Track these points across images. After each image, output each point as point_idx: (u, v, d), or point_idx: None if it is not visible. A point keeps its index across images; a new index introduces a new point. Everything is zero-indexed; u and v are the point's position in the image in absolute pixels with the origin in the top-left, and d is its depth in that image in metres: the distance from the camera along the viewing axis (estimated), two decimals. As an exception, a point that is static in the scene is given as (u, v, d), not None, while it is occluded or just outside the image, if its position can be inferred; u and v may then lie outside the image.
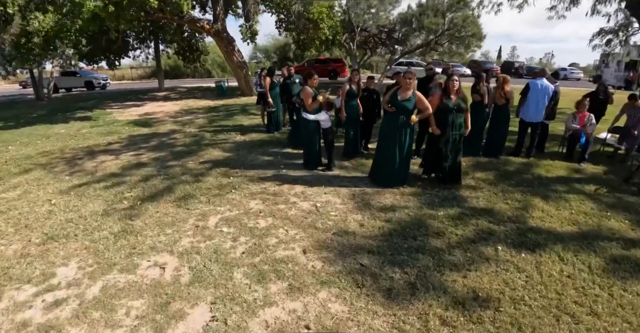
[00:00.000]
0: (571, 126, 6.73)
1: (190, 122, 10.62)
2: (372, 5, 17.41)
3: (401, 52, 19.09)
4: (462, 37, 17.44)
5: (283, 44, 40.97)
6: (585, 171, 6.08)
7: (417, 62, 25.99)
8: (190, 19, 14.20)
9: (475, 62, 34.31)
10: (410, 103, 4.66)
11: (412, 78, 4.62)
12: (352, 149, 6.30)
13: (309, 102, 5.14)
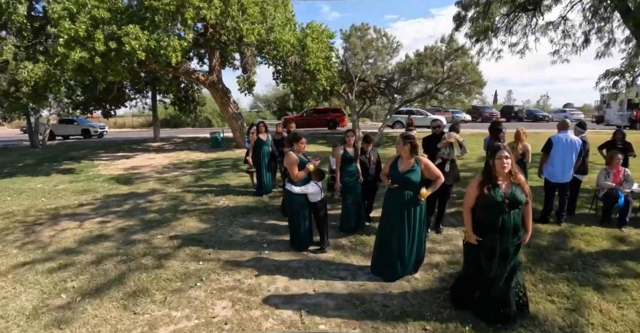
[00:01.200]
0: (605, 184, 5.84)
1: (175, 179, 9.74)
2: (370, 55, 17.27)
3: (401, 101, 18.69)
4: (462, 84, 17.14)
5: (282, 94, 41.58)
6: (631, 239, 5.10)
7: (418, 110, 25.78)
8: (185, 71, 13.90)
9: (475, 108, 34.23)
10: (416, 174, 3.73)
11: (411, 141, 3.77)
12: (350, 223, 5.26)
13: (294, 172, 4.24)
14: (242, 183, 8.83)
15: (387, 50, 17.48)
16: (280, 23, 12.97)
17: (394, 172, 3.82)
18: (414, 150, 3.77)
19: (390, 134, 21.36)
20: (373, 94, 20.30)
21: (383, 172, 4.12)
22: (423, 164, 3.78)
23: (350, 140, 5.24)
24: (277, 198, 7.26)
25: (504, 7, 11.78)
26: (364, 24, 16.66)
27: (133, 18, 9.80)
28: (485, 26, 11.67)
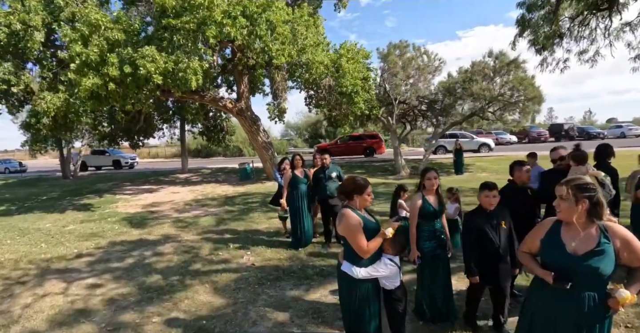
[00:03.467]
0: None
1: (195, 221, 8.30)
2: (410, 75, 15.75)
3: (447, 124, 16.85)
4: (516, 101, 15.18)
5: (314, 120, 40.60)
6: None
7: (462, 133, 23.74)
8: (212, 98, 12.87)
9: (523, 129, 31.56)
10: (606, 259, 1.94)
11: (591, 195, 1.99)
12: (433, 310, 3.48)
13: (360, 243, 2.54)
14: (272, 229, 7.22)
15: (428, 69, 15.92)
16: (312, 43, 11.74)
17: (555, 254, 2.08)
18: (596, 211, 2.01)
19: (435, 160, 19.40)
20: (414, 117, 18.66)
21: (522, 249, 2.34)
22: (620, 236, 1.99)
23: (434, 184, 3.48)
24: (318, 255, 5.59)
25: (569, 9, 10.05)
26: (403, 41, 15.27)
27: (151, 40, 8.78)
28: (553, 31, 9.91)
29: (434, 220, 3.49)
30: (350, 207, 2.69)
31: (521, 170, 3.72)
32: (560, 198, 2.06)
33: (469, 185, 12.20)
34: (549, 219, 2.23)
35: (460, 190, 10.87)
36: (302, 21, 11.72)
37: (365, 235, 2.56)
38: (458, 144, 15.72)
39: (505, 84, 14.91)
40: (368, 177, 14.73)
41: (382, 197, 10.18)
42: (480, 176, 14.33)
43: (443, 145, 22.63)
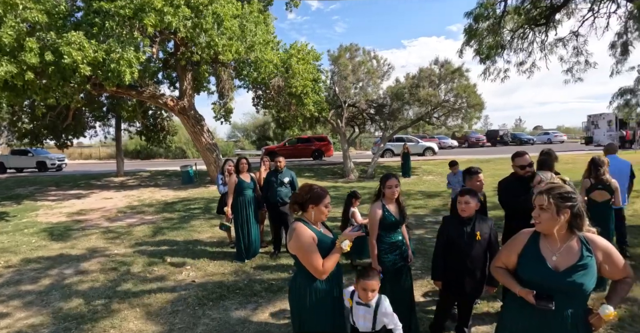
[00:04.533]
0: None
1: (128, 232, 7.46)
2: (360, 79, 15.78)
3: (395, 128, 17.13)
4: (460, 108, 15.81)
5: (262, 122, 39.78)
6: None
7: (408, 137, 24.40)
8: (152, 95, 11.89)
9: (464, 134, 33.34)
10: (588, 274, 1.79)
11: (573, 205, 1.82)
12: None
13: (315, 262, 2.16)
14: (215, 238, 6.65)
15: (377, 74, 16.07)
16: (261, 41, 11.26)
17: (536, 271, 1.87)
18: (577, 222, 1.84)
19: (383, 164, 19.66)
20: (363, 120, 18.78)
21: (496, 264, 2.13)
22: (601, 249, 1.84)
23: (395, 192, 3.19)
24: (266, 268, 5.15)
25: (511, 22, 10.58)
26: (354, 45, 15.26)
27: (79, 25, 7.82)
28: (496, 42, 10.34)
29: (395, 231, 3.24)
30: (303, 220, 2.31)
31: (472, 179, 3.61)
32: (541, 208, 1.85)
33: (417, 188, 12.40)
34: (526, 231, 2.02)
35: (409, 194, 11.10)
36: (251, 17, 11.21)
37: (321, 253, 2.21)
38: (406, 147, 16.02)
39: (450, 91, 15.45)
40: (317, 181, 14.72)
41: (332, 202, 9.91)
42: (426, 179, 14.68)
43: (390, 149, 23.07)
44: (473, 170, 3.68)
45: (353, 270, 4.87)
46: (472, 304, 3.20)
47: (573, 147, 26.82)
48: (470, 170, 3.70)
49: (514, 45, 10.93)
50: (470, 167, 3.77)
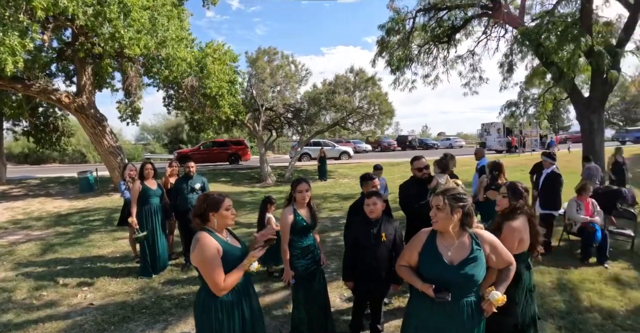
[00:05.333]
0: (578, 217, 5.44)
1: (10, 251, 6.38)
2: (278, 82, 15.76)
3: (312, 132, 17.41)
4: (373, 115, 16.69)
5: (175, 124, 37.54)
6: (628, 278, 4.74)
7: (325, 141, 24.96)
8: (42, 89, 10.41)
9: (376, 139, 35.28)
10: (479, 265, 2.05)
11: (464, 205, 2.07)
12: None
13: (216, 279, 2.03)
14: (118, 253, 6.02)
15: (295, 78, 16.21)
16: (174, 37, 10.58)
17: (434, 266, 2.05)
18: (467, 220, 2.07)
19: (301, 167, 19.85)
20: (280, 124, 18.75)
21: (400, 263, 2.27)
22: (488, 242, 2.10)
23: (305, 197, 3.18)
24: (177, 282, 4.80)
25: (418, 38, 11.48)
26: (272, 48, 15.16)
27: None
28: (405, 55, 11.12)
29: (307, 236, 3.23)
30: (208, 229, 2.17)
31: (367, 185, 3.75)
32: (437, 208, 2.05)
33: (334, 191, 12.73)
34: (425, 230, 2.21)
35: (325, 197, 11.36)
36: (164, 10, 10.46)
37: (227, 266, 2.09)
38: (323, 151, 16.38)
39: (364, 98, 16.23)
40: (233, 186, 14.31)
41: (248, 207, 9.73)
42: (342, 182, 15.15)
43: (308, 153, 23.39)
44: (368, 177, 3.80)
45: (270, 277, 4.78)
46: (380, 302, 3.37)
47: (470, 151, 29.97)
48: (365, 177, 3.82)
49: (421, 59, 11.83)
50: (366, 173, 3.90)
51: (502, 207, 2.78)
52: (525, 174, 9.08)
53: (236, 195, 11.87)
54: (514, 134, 27.24)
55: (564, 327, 3.62)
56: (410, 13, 10.54)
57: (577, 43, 7.66)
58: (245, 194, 12.31)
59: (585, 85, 9.45)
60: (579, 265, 5.15)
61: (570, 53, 7.82)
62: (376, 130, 17.95)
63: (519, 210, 2.70)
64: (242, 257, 2.19)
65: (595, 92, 8.63)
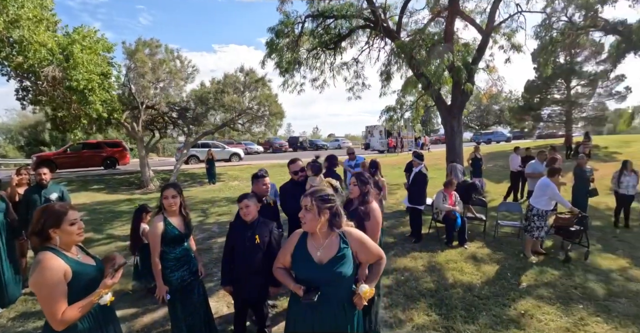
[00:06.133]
0: (444, 207, 6.30)
1: None
2: (161, 78, 14.63)
3: (199, 133, 16.57)
4: (263, 115, 16.67)
5: (34, 122, 31.89)
6: (481, 255, 5.68)
7: (214, 142, 24.02)
8: None
9: (268, 140, 35.38)
10: (347, 263, 2.11)
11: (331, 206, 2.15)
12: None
13: (55, 310, 1.73)
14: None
15: (181, 75, 15.25)
16: (31, 17, 9.00)
17: (305, 266, 2.11)
18: (335, 220, 2.13)
19: (188, 171, 18.73)
20: (164, 124, 17.43)
21: (277, 265, 2.29)
22: (355, 239, 2.17)
23: (172, 203, 2.95)
24: (32, 315, 4.06)
25: (307, 43, 11.87)
26: (154, 40, 14.01)
27: None
28: (294, 58, 11.38)
29: (181, 245, 3.03)
30: (52, 248, 1.85)
31: (258, 183, 3.78)
32: (305, 209, 2.09)
33: (223, 195, 12.31)
34: (297, 232, 2.25)
35: (214, 201, 10.90)
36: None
37: (80, 290, 1.83)
38: (210, 153, 15.68)
39: (254, 98, 16.10)
40: (109, 194, 12.82)
41: (125, 217, 8.79)
42: (232, 185, 14.76)
43: (195, 155, 22.21)
44: (259, 174, 3.82)
45: (149, 294, 4.34)
46: (262, 306, 3.30)
47: (356, 151, 32.19)
48: (256, 175, 3.83)
49: (309, 63, 12.24)
50: (257, 171, 3.91)
51: (355, 194, 3.13)
52: (401, 172, 10.10)
53: (112, 205, 10.65)
54: (392, 136, 30.06)
55: (434, 304, 4.08)
56: (300, 18, 10.83)
57: (442, 58, 8.82)
58: (122, 203, 11.10)
59: (448, 95, 10.87)
60: (444, 248, 5.94)
61: (436, 66, 8.97)
62: (267, 132, 17.95)
63: (368, 193, 3.09)
64: (98, 277, 1.92)
65: (455, 101, 10.04)
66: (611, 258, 5.66)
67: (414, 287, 4.51)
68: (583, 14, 13.54)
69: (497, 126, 48.63)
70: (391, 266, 5.19)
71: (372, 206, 3.08)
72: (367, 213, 3.00)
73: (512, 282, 4.72)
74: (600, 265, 5.37)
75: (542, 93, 24.95)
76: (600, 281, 4.80)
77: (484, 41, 10.17)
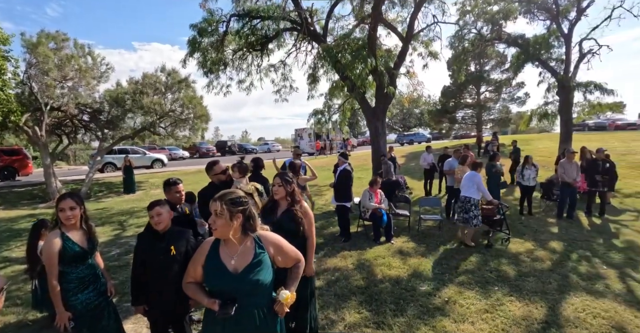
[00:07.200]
0: (371, 205, 6.49)
1: None
2: (69, 77, 13.22)
3: (115, 138, 15.25)
4: (187, 118, 15.86)
5: None
6: (407, 249, 5.91)
7: (132, 148, 22.30)
8: None
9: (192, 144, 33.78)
10: (265, 269, 1.98)
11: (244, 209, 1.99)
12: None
13: None
14: None
15: (93, 74, 13.93)
16: None
17: (218, 278, 1.92)
18: (250, 224, 1.99)
19: (104, 179, 17.16)
20: (73, 128, 15.76)
21: (187, 280, 2.06)
22: (271, 243, 2.06)
23: (69, 217, 2.56)
24: None
25: (233, 43, 11.56)
26: (61, 33, 12.63)
27: None
28: (219, 58, 10.98)
29: (84, 263, 2.64)
30: None
31: (171, 191, 3.54)
32: (216, 214, 1.90)
33: (143, 205, 11.42)
34: (208, 240, 2.06)
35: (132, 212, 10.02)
36: None
37: None
38: (128, 160, 14.40)
39: (176, 100, 15.26)
40: (7, 209, 11.39)
41: (26, 236, 7.69)
42: (154, 193, 13.79)
43: (112, 162, 20.43)
44: (172, 181, 3.56)
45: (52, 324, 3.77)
46: (183, 322, 3.00)
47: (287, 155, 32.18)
48: (168, 182, 3.56)
49: (236, 64, 11.90)
50: (169, 178, 3.64)
51: (281, 195, 3.00)
52: (330, 173, 10.23)
53: (10, 222, 9.28)
54: (321, 139, 30.51)
55: (364, 301, 4.13)
56: (225, 16, 10.47)
57: (366, 63, 9.11)
58: (22, 219, 9.69)
59: (373, 98, 11.27)
60: (373, 245, 6.10)
61: (360, 70, 9.24)
62: (192, 136, 17.11)
63: (294, 192, 3.00)
64: None
65: (379, 104, 10.44)
66: (519, 242, 6.27)
67: (344, 286, 4.53)
68: (490, 28, 14.94)
69: (418, 128, 52.15)
70: (322, 267, 5.18)
71: (304, 205, 3.04)
72: (306, 213, 2.96)
73: (435, 272, 4.97)
74: (511, 249, 5.94)
75: (456, 97, 27.29)
76: (511, 263, 5.29)
77: (404, 48, 10.75)
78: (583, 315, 3.88)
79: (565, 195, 7.96)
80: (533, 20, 15.28)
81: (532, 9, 14.84)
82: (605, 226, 7.35)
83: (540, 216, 8.23)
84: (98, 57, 14.18)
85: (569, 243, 6.24)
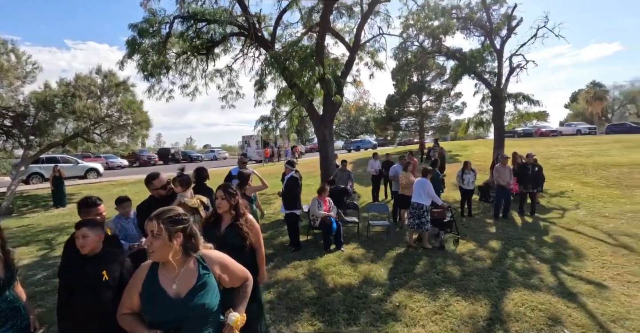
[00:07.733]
0: (320, 213, 6.48)
1: None
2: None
3: (43, 145, 13.91)
4: (125, 125, 14.90)
5: None
6: (357, 256, 5.95)
7: (63, 156, 20.48)
8: None
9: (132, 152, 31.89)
10: (210, 292, 1.81)
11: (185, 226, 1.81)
12: None
13: None
14: None
15: (16, 73, 12.67)
16: None
17: (158, 306, 1.73)
18: (191, 243, 1.82)
19: (28, 192, 15.58)
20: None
21: (122, 311, 1.82)
22: (216, 262, 1.90)
23: None
24: None
25: (177, 46, 11.10)
26: (-26, 30, 11.29)
27: None
28: (161, 61, 10.46)
29: (1, 296, 2.28)
30: None
31: (90, 212, 3.00)
32: (152, 235, 1.72)
33: (75, 219, 10.43)
34: (144, 265, 1.85)
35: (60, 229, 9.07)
36: None
37: None
38: (57, 170, 13.04)
39: (114, 105, 14.32)
40: None
41: None
42: (89, 205, 12.71)
43: (39, 172, 18.63)
44: (90, 202, 3.02)
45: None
46: None
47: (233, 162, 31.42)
48: (87, 202, 3.02)
49: (179, 68, 11.42)
50: (86, 197, 3.08)
51: (224, 208, 2.85)
52: (278, 181, 10.09)
53: None
54: (269, 146, 30.18)
55: (317, 312, 4.05)
56: (168, 18, 9.98)
57: (314, 71, 9.15)
58: None
59: (320, 106, 11.33)
60: (323, 254, 6.06)
61: (308, 78, 9.27)
62: (131, 143, 16.09)
63: (239, 205, 2.87)
64: None
65: (326, 111, 10.52)
66: (462, 243, 6.59)
67: (296, 298, 4.43)
68: (431, 41, 15.77)
69: (365, 135, 53.55)
70: (272, 279, 5.04)
71: (250, 217, 2.93)
72: (252, 227, 2.86)
73: (385, 277, 5.04)
74: (455, 250, 6.20)
75: (400, 106, 28.42)
76: (456, 264, 5.53)
77: (351, 57, 10.97)
78: (522, 309, 4.12)
79: (501, 197, 8.55)
80: (469, 35, 16.38)
81: (468, 26, 15.89)
82: (536, 224, 7.97)
83: (479, 217, 8.74)
84: (23, 54, 12.96)
85: (506, 241, 6.67)
